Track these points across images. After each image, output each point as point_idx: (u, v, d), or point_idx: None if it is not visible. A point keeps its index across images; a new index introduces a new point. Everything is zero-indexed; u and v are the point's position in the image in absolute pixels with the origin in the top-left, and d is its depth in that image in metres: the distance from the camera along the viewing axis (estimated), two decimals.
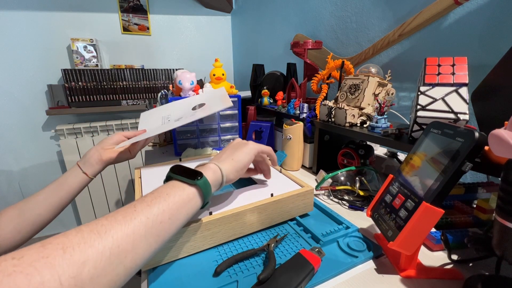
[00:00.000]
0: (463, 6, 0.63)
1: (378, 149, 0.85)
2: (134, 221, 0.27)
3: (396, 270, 0.37)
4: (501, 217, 0.28)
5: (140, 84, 1.73)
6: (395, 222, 0.35)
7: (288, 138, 0.73)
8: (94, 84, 1.61)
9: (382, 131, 0.54)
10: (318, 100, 0.77)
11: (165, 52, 1.92)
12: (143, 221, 0.27)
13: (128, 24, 1.77)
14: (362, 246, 0.41)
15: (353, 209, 0.54)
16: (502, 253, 0.29)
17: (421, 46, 0.75)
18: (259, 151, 0.45)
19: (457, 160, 0.30)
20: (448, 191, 0.31)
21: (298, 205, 0.47)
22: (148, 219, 0.28)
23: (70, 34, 1.63)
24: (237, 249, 0.41)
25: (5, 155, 1.64)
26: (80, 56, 1.61)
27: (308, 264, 0.34)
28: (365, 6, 0.90)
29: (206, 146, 0.91)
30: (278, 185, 0.50)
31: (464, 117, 0.42)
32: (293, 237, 0.44)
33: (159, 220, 0.29)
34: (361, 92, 0.63)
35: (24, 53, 1.56)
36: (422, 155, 0.37)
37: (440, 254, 0.40)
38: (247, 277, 0.35)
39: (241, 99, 0.91)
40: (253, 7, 1.70)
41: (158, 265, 0.37)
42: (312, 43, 0.93)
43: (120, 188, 1.80)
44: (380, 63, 0.87)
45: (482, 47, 0.61)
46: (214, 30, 2.04)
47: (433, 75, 0.47)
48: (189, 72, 0.85)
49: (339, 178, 0.60)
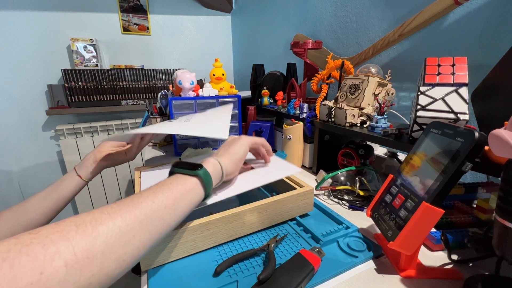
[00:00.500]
0: (463, 6, 0.63)
1: (378, 149, 0.85)
2: (141, 204, 0.29)
3: (396, 270, 0.37)
4: (501, 217, 0.28)
5: (140, 84, 1.73)
6: (395, 222, 0.35)
7: (288, 138, 0.73)
8: (94, 84, 1.61)
9: (382, 131, 0.54)
10: (318, 100, 0.77)
11: (165, 52, 1.92)
12: (149, 204, 0.30)
13: (128, 24, 1.77)
14: (362, 246, 0.41)
15: (353, 209, 0.54)
16: (502, 253, 0.29)
17: (421, 46, 0.75)
18: (252, 143, 0.49)
19: (457, 160, 0.30)
20: (448, 191, 0.31)
21: (298, 205, 0.47)
22: (154, 203, 0.30)
23: (70, 34, 1.62)
24: (237, 249, 0.41)
25: (5, 155, 1.64)
26: (80, 56, 1.61)
27: (308, 264, 0.35)
28: (365, 6, 0.90)
29: (206, 146, 0.91)
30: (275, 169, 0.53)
31: (464, 117, 0.42)
32: (293, 237, 0.44)
33: (164, 204, 0.31)
34: (361, 92, 0.63)
35: (24, 53, 1.56)
36: (422, 155, 0.37)
37: (440, 254, 0.40)
38: (247, 277, 0.35)
39: (241, 99, 0.91)
40: (253, 7, 1.70)
41: (158, 264, 0.37)
42: (312, 43, 0.93)
43: (120, 188, 1.80)
44: (380, 63, 0.87)
45: (482, 47, 0.61)
46: (214, 30, 2.04)
47: (433, 75, 0.47)
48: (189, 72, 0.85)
49: (339, 178, 0.60)
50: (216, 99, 0.88)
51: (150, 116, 0.99)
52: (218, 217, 0.39)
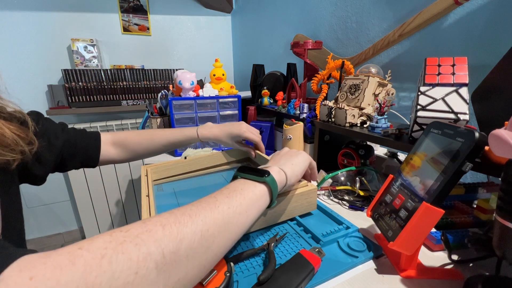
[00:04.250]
0: (463, 6, 0.63)
1: (378, 149, 0.85)
2: (218, 209, 0.28)
3: (396, 270, 0.37)
4: (501, 217, 0.28)
5: (140, 84, 1.73)
6: (395, 222, 0.35)
7: (288, 138, 0.73)
8: (94, 84, 1.61)
9: (382, 131, 0.54)
10: (318, 100, 0.77)
11: (165, 52, 1.92)
12: (225, 210, 0.29)
13: (128, 24, 1.77)
14: (362, 246, 0.41)
15: (353, 209, 0.54)
16: (503, 253, 0.29)
17: (421, 46, 0.75)
18: (311, 162, 0.48)
19: (457, 160, 0.30)
20: (448, 191, 0.31)
21: (301, 204, 0.47)
22: (230, 209, 0.29)
23: (70, 34, 1.62)
24: (237, 249, 0.41)
25: None
26: (81, 56, 1.61)
27: (308, 264, 0.34)
28: (365, 6, 0.90)
29: (206, 146, 0.91)
30: None
31: (464, 117, 0.42)
32: (293, 237, 0.44)
33: (238, 211, 0.30)
34: (361, 92, 0.63)
35: (24, 53, 1.56)
36: (422, 155, 0.37)
37: (440, 254, 0.40)
38: (247, 277, 0.35)
39: (241, 99, 0.91)
40: (253, 7, 1.70)
41: None
42: (312, 43, 0.93)
43: (120, 188, 1.80)
44: (380, 63, 0.87)
45: (482, 47, 0.61)
46: (214, 30, 2.04)
47: (433, 75, 0.47)
48: (189, 72, 0.85)
49: (339, 178, 0.60)
50: (216, 99, 0.88)
51: (151, 116, 1.00)
52: None
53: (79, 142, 0.56)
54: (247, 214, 0.31)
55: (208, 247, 0.26)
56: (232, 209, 0.29)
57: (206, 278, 0.29)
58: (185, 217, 0.25)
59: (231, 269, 0.32)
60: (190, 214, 0.26)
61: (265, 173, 0.36)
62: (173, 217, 0.25)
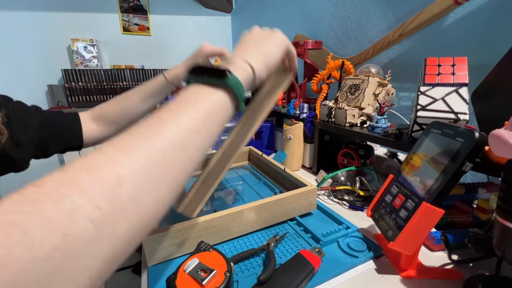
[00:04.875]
0: (463, 6, 0.63)
1: (378, 149, 0.85)
2: (165, 133, 0.23)
3: (396, 270, 0.37)
4: (501, 217, 0.28)
5: (140, 84, 1.73)
6: (395, 222, 0.35)
7: (288, 138, 0.73)
8: (94, 84, 1.61)
9: (382, 131, 0.54)
10: (318, 100, 0.77)
11: (165, 52, 1.92)
12: (175, 132, 0.23)
13: (128, 24, 1.77)
14: (362, 246, 0.41)
15: (353, 209, 0.54)
16: (503, 253, 0.29)
17: (421, 46, 0.75)
18: (290, 46, 0.37)
19: (457, 160, 0.30)
20: (448, 191, 0.31)
21: (301, 204, 0.48)
22: (180, 130, 0.23)
23: (70, 34, 1.63)
24: (237, 249, 0.41)
25: None
26: (80, 56, 1.61)
27: (308, 264, 0.34)
28: (365, 6, 0.90)
29: None
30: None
31: (464, 117, 0.42)
32: (293, 237, 0.44)
33: (192, 129, 0.24)
34: (361, 92, 0.63)
35: (25, 54, 1.56)
36: (422, 155, 0.37)
37: (440, 254, 0.40)
38: (247, 277, 0.35)
39: None
40: (253, 7, 1.70)
41: (159, 261, 0.37)
42: (312, 43, 0.93)
43: None
44: (380, 63, 0.87)
45: (482, 47, 0.61)
46: (214, 30, 2.04)
47: (433, 75, 0.47)
48: None
49: (339, 178, 0.60)
50: None
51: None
52: (221, 215, 0.40)
53: (57, 121, 0.53)
54: (206, 131, 0.25)
55: (159, 181, 0.21)
56: (183, 129, 0.23)
57: (206, 278, 0.29)
58: (118, 152, 0.20)
59: (231, 269, 0.31)
60: (125, 148, 0.20)
61: (224, 72, 0.27)
62: (102, 157, 0.19)
